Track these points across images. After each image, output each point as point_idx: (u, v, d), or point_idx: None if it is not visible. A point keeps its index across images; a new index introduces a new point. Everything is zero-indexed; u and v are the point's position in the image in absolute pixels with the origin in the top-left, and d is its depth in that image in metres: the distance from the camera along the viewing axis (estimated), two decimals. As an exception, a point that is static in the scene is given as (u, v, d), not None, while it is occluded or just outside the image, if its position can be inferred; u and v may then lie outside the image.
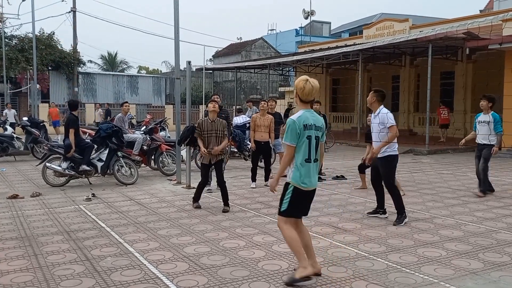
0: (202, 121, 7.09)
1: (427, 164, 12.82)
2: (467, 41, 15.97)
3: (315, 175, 4.07)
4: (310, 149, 3.97)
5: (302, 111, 4.02)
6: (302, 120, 3.94)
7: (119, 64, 50.69)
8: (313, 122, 3.98)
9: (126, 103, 11.06)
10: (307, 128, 3.94)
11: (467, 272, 4.27)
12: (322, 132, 4.09)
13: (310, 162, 3.98)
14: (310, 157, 3.97)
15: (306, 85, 3.96)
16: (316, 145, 4.02)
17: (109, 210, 6.90)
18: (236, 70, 28.98)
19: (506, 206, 7.23)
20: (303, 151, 3.95)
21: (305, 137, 3.93)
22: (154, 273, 4.24)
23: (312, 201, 4.18)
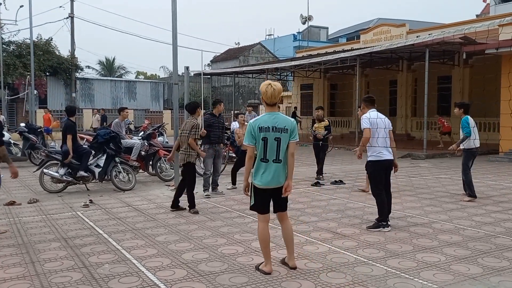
0: None
1: (425, 169, 12.82)
2: (464, 46, 16.04)
3: (273, 175, 4.23)
4: (265, 150, 4.22)
5: (263, 114, 4.32)
6: (257, 123, 4.25)
7: (116, 69, 50.63)
8: (271, 125, 4.20)
9: (126, 109, 11.03)
10: (262, 130, 4.20)
11: (467, 277, 4.26)
12: (288, 133, 4.24)
13: (266, 162, 4.24)
14: (265, 156, 4.24)
15: (268, 89, 4.24)
16: (277, 146, 4.21)
17: (107, 217, 6.86)
18: (234, 75, 29.01)
19: (505, 211, 7.22)
20: (259, 152, 4.25)
21: (260, 138, 4.21)
22: (152, 280, 4.21)
23: (279, 198, 4.34)
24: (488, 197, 8.45)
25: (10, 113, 29.79)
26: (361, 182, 9.83)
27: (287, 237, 4.45)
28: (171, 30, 9.31)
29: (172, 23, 9.29)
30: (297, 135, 4.32)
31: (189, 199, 7.09)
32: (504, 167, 13.28)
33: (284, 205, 4.43)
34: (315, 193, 8.89)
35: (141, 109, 34.78)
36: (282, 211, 4.43)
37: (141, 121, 28.34)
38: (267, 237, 4.34)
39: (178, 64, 9.42)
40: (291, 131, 4.26)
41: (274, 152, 4.23)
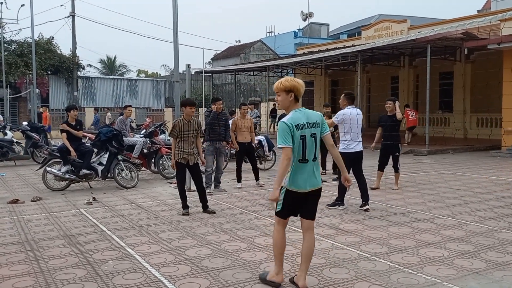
0: (178, 121, 6.91)
1: (428, 164, 12.81)
2: (466, 41, 16.00)
3: (311, 176, 3.85)
4: (304, 149, 3.81)
5: (293, 111, 3.88)
6: (293, 121, 3.80)
7: (118, 68, 50.68)
8: (305, 121, 3.83)
9: (130, 107, 11.03)
10: (300, 128, 3.79)
11: (470, 272, 4.26)
12: (319, 127, 3.91)
13: (305, 162, 3.82)
14: (304, 157, 3.81)
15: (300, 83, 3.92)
16: (314, 143, 3.86)
17: (110, 214, 6.88)
18: (235, 73, 29.00)
19: (508, 206, 7.22)
20: (297, 152, 3.79)
21: (298, 137, 3.77)
22: (156, 276, 4.22)
23: (313, 203, 3.94)
24: (491, 192, 8.44)
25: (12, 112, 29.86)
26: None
27: (307, 251, 3.91)
28: (172, 28, 9.30)
29: (173, 21, 9.28)
30: (327, 127, 4.00)
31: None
32: (507, 162, 13.26)
33: (314, 212, 3.98)
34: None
35: (142, 107, 34.82)
36: (311, 218, 3.96)
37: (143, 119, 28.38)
38: (284, 243, 3.95)
39: (179, 62, 9.43)
40: (321, 124, 3.94)
41: (313, 150, 3.85)
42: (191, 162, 6.88)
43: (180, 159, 6.83)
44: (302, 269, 3.91)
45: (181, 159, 6.84)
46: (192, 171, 6.99)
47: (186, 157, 6.84)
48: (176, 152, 6.87)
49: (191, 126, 6.92)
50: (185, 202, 6.90)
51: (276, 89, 3.91)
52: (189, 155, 6.85)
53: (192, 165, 6.91)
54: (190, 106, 6.90)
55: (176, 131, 6.83)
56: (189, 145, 6.87)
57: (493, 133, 17.68)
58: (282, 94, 3.88)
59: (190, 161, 6.88)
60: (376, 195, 8.11)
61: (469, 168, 11.98)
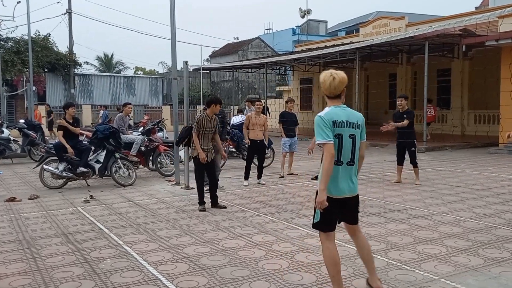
0: (202, 117, 7.08)
1: (425, 161, 12.82)
2: (464, 38, 15.99)
3: (348, 180, 3.52)
4: (340, 150, 3.46)
5: (331, 107, 3.57)
6: (330, 116, 3.47)
7: (115, 65, 50.55)
8: (345, 119, 3.50)
9: (129, 104, 10.99)
10: (337, 125, 3.46)
11: (468, 269, 4.27)
12: (360, 129, 3.58)
13: (339, 164, 3.47)
14: (339, 158, 3.46)
15: (327, 78, 3.53)
16: (352, 145, 3.50)
17: (108, 212, 6.87)
18: (234, 70, 28.95)
19: (505, 202, 7.23)
20: None
21: (333, 136, 3.44)
22: (154, 274, 4.21)
23: (352, 209, 3.64)
24: (488, 188, 8.45)
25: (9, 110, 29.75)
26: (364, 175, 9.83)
27: (365, 253, 3.69)
28: (170, 25, 9.28)
29: (171, 18, 9.25)
30: (365, 134, 3.66)
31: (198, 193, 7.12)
32: (504, 159, 13.29)
33: (356, 217, 3.71)
34: (316, 187, 8.85)
35: (140, 104, 34.74)
36: (354, 223, 3.70)
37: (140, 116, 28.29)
38: (338, 260, 3.52)
39: (177, 59, 9.41)
40: (362, 127, 3.59)
41: (349, 152, 3.49)
42: (208, 158, 7.03)
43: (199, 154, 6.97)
44: (371, 271, 3.71)
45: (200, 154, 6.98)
46: (208, 167, 7.13)
47: (205, 153, 6.99)
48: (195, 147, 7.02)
49: (212, 123, 7.14)
50: (202, 198, 7.04)
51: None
52: (207, 151, 7.03)
53: (209, 161, 7.06)
54: (219, 104, 7.17)
55: (199, 126, 7.01)
56: (208, 141, 7.09)
57: (491, 130, 17.71)
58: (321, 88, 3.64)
59: (208, 157, 7.03)
60: (374, 192, 8.11)
61: (467, 165, 11.99)
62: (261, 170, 9.40)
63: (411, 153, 8.84)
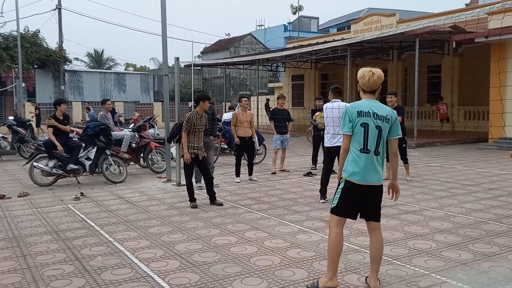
0: (192, 116, 6.97)
1: (416, 157, 12.90)
2: (454, 34, 16.09)
3: (372, 169, 3.62)
4: (366, 138, 3.61)
5: (362, 99, 3.77)
6: (355, 107, 3.67)
7: (105, 61, 50.17)
8: (371, 110, 3.65)
9: (108, 101, 10.84)
10: (362, 115, 3.63)
11: (458, 263, 4.30)
12: (389, 124, 3.67)
13: (366, 152, 3.61)
14: (366, 146, 3.61)
15: (366, 74, 3.72)
16: (378, 135, 3.62)
17: (98, 209, 6.83)
18: (225, 66, 28.87)
19: (494, 197, 7.30)
20: (357, 140, 3.63)
21: (359, 124, 3.62)
22: (145, 272, 4.20)
23: (373, 201, 3.72)
24: (478, 184, 8.53)
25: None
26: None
27: (376, 252, 3.75)
28: (161, 21, 9.21)
29: (162, 14, 9.19)
30: (399, 131, 3.74)
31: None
32: (494, 154, 13.42)
33: (377, 213, 3.77)
34: (307, 183, 8.91)
35: (131, 101, 34.58)
36: (375, 220, 3.75)
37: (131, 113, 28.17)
38: (340, 246, 3.69)
39: (168, 56, 9.35)
40: (392, 122, 3.68)
41: (375, 142, 3.63)
42: (200, 157, 6.96)
43: (190, 153, 6.88)
44: (373, 270, 3.76)
45: (191, 153, 6.89)
46: (200, 165, 7.08)
47: (196, 151, 6.92)
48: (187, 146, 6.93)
49: (202, 120, 7.05)
50: (193, 195, 6.99)
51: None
52: (198, 149, 6.94)
53: (200, 159, 6.98)
54: (208, 100, 7.08)
55: (190, 125, 6.88)
56: (198, 139, 6.98)
57: (480, 126, 17.87)
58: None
59: (200, 156, 6.95)
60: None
61: (457, 161, 12.09)
62: (252, 167, 9.41)
63: (402, 149, 8.82)
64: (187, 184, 7.02)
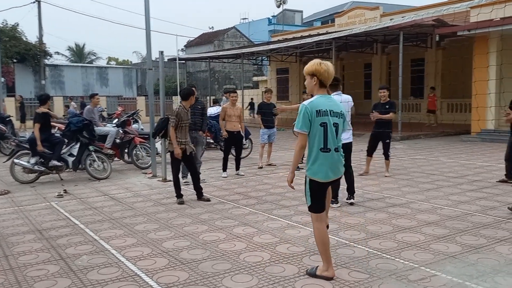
0: (180, 110, 6.87)
1: (401, 150, 13.00)
2: (437, 28, 16.21)
3: (334, 167, 3.73)
4: (326, 137, 3.63)
5: (317, 96, 3.74)
6: (314, 106, 3.63)
7: (87, 55, 49.39)
8: (328, 108, 3.67)
9: (97, 95, 10.74)
10: (320, 114, 3.62)
11: (446, 256, 4.32)
12: (343, 119, 3.77)
13: (327, 151, 3.66)
14: (326, 145, 3.64)
15: (323, 67, 3.69)
16: (336, 132, 3.70)
17: (83, 207, 6.69)
18: (209, 60, 28.65)
19: (479, 189, 7.38)
20: (318, 140, 3.64)
21: (318, 124, 3.61)
22: (133, 270, 4.11)
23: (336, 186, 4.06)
24: (463, 176, 8.62)
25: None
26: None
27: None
28: (144, 14, 9.05)
29: (145, 7, 9.02)
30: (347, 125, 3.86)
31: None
32: (477, 146, 13.60)
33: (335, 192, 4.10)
34: (295, 177, 8.85)
35: (113, 96, 34.10)
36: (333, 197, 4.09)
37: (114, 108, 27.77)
38: (327, 239, 3.83)
39: (152, 49, 9.19)
40: (345, 118, 3.81)
41: (334, 139, 3.68)
42: (187, 152, 6.89)
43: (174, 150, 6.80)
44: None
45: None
46: (187, 160, 6.99)
47: (183, 146, 6.83)
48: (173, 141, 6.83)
49: (188, 115, 7.01)
50: (179, 191, 6.91)
51: (304, 72, 3.82)
52: (185, 144, 6.87)
53: (188, 154, 6.90)
54: (193, 95, 7.05)
55: (177, 120, 6.79)
56: (185, 134, 6.91)
57: (463, 118, 18.09)
58: (307, 77, 3.79)
59: (187, 151, 6.88)
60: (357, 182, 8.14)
61: (441, 153, 12.22)
62: (239, 161, 9.36)
63: (386, 144, 8.76)
64: (173, 180, 6.93)
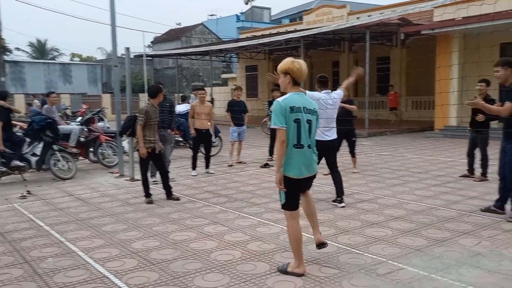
0: (149, 108, 6.72)
1: (368, 147, 13.26)
2: (402, 27, 16.60)
3: (307, 163, 3.76)
4: (299, 134, 3.68)
5: (290, 93, 3.78)
6: (288, 102, 3.67)
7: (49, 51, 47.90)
8: (302, 105, 3.72)
9: (53, 94, 10.31)
10: (294, 110, 3.66)
11: (413, 250, 4.43)
12: (316, 115, 3.82)
13: (300, 148, 3.70)
14: (299, 142, 3.69)
15: (296, 65, 3.75)
16: (309, 129, 3.75)
17: (47, 208, 6.49)
18: (177, 57, 28.32)
19: (443, 184, 7.62)
20: (291, 136, 3.67)
21: (292, 120, 3.65)
22: (101, 272, 4.02)
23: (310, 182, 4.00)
24: (427, 171, 8.87)
25: None
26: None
27: (309, 209, 4.14)
28: (110, 10, 8.84)
29: (110, 1, 8.81)
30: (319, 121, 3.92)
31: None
32: (440, 142, 14.03)
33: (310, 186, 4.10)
34: (265, 175, 8.92)
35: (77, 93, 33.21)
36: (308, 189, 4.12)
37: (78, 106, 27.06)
38: (301, 236, 3.87)
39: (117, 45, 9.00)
40: (318, 115, 3.85)
41: (307, 136, 3.73)
42: (156, 150, 6.76)
43: (146, 147, 6.65)
44: (314, 226, 4.17)
45: (147, 148, 6.66)
46: (156, 159, 6.87)
47: (152, 145, 6.70)
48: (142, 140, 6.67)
49: (157, 113, 6.86)
50: (148, 190, 6.79)
51: (277, 70, 3.88)
52: (154, 143, 6.74)
53: (157, 153, 6.78)
54: (162, 93, 6.87)
55: (146, 118, 6.63)
56: (154, 133, 6.77)
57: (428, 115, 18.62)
58: (281, 75, 3.83)
59: (156, 149, 6.75)
60: (321, 178, 8.23)
61: (406, 149, 12.54)
62: (209, 160, 9.30)
63: (351, 143, 8.85)
64: (142, 179, 6.81)
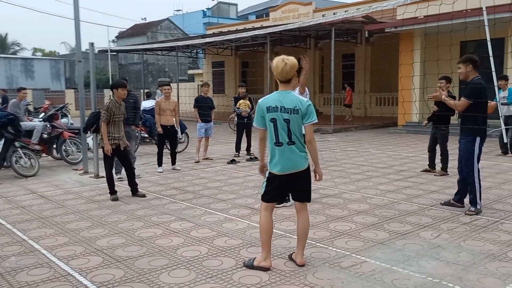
0: (112, 104, 6.60)
1: (333, 142, 13.50)
2: (366, 24, 16.94)
3: (289, 159, 3.82)
4: (276, 132, 3.81)
5: (273, 92, 3.92)
6: (265, 103, 3.85)
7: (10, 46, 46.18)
8: (279, 104, 3.78)
9: (24, 89, 10.17)
10: (270, 110, 3.80)
11: (375, 243, 4.58)
12: (299, 114, 3.78)
13: (280, 145, 3.82)
14: (278, 140, 3.82)
15: (279, 63, 3.80)
16: (288, 128, 3.78)
17: (9, 206, 6.30)
18: (143, 52, 27.88)
19: (405, 179, 7.87)
20: (270, 135, 3.86)
21: (269, 120, 3.82)
22: (65, 270, 3.96)
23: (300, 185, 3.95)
24: (390, 166, 9.14)
25: None
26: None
27: (302, 230, 4.02)
28: (73, 4, 8.63)
29: (73, -5, 8.60)
30: (313, 117, 3.81)
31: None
32: (403, 138, 14.45)
33: (304, 195, 4.01)
34: (232, 171, 8.95)
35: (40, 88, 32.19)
36: (301, 200, 4.02)
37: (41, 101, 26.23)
38: (271, 228, 3.95)
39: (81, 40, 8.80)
40: (303, 113, 3.78)
41: (286, 134, 3.80)
42: (121, 147, 6.65)
43: (110, 144, 6.53)
44: (299, 247, 4.04)
45: (112, 144, 6.54)
46: (121, 155, 6.76)
47: (117, 142, 6.58)
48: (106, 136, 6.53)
49: (121, 109, 6.71)
50: (113, 187, 6.68)
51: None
52: (119, 139, 6.61)
53: (122, 149, 6.67)
54: (122, 88, 6.64)
55: (109, 114, 6.50)
56: (119, 129, 6.64)
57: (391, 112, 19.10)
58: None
59: (121, 146, 6.64)
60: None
61: (370, 145, 12.85)
62: (175, 156, 9.25)
63: None
64: (107, 176, 6.70)
